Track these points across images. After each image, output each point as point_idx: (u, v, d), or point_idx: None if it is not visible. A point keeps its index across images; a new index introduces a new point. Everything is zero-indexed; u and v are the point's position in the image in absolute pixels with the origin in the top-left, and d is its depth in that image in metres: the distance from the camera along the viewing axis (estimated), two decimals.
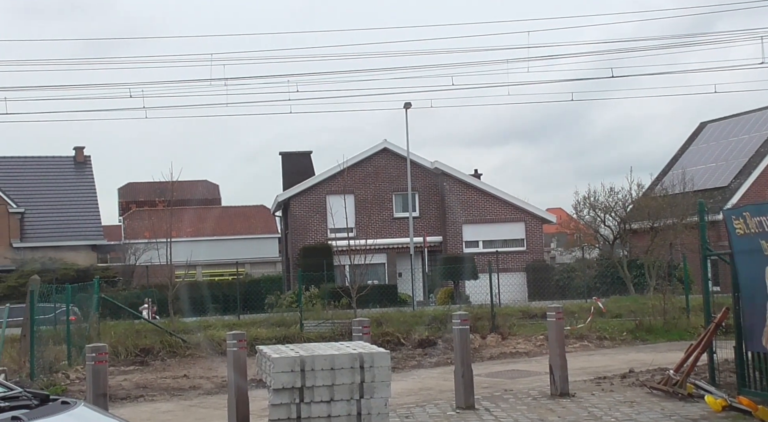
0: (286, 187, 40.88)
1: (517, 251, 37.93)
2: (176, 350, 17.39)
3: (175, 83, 60.66)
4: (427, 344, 17.48)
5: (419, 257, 35.94)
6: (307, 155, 44.61)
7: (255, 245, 55.32)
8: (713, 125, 41.60)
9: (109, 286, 32.89)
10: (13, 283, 34.02)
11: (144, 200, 56.00)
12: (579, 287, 29.45)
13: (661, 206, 30.37)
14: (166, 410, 11.75)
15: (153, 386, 13.79)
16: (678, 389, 10.19)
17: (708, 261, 11.23)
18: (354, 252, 21.22)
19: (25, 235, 41.90)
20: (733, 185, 35.60)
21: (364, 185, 36.35)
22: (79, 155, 46.55)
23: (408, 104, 35.44)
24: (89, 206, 44.30)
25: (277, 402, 7.59)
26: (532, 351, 16.64)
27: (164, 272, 23.68)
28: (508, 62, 55.94)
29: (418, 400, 11.10)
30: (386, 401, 7.86)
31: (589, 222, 34.87)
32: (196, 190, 55.26)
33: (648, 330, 18.50)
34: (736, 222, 9.68)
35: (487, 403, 10.48)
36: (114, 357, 15.80)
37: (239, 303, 26.85)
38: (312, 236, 37.58)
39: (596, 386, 11.52)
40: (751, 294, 9.63)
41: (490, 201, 39.11)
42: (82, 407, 4.31)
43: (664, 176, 38.75)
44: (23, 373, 14.23)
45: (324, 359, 7.66)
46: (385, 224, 36.56)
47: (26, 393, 4.23)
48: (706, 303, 11.16)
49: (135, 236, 45.84)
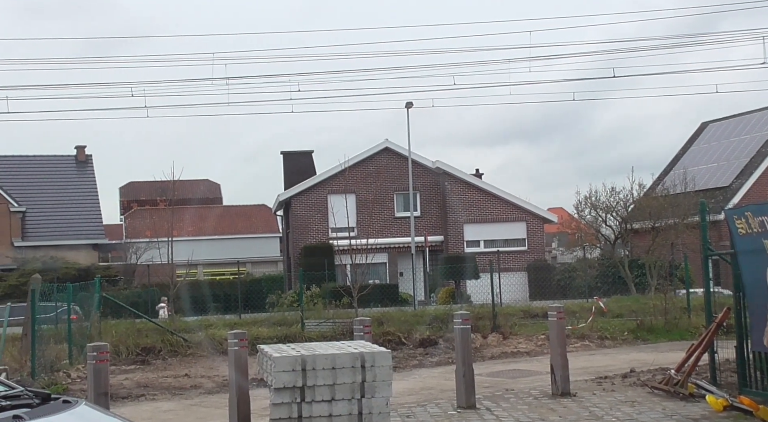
0: (288, 186, 40.89)
1: (519, 251, 37.92)
2: (177, 349, 17.40)
3: (176, 82, 60.74)
4: (428, 343, 17.48)
5: (420, 257, 35.93)
6: (308, 155, 44.62)
7: (256, 245, 55.32)
8: (715, 125, 41.58)
9: (110, 285, 32.88)
10: (14, 282, 34.02)
11: (145, 199, 56.06)
12: (580, 286, 29.43)
13: (662, 206, 30.36)
14: (168, 409, 11.76)
15: (154, 385, 13.80)
16: (679, 389, 10.18)
17: (709, 261, 11.22)
18: (355, 252, 21.21)
19: (26, 234, 41.92)
20: (735, 185, 35.59)
21: (366, 184, 36.34)
22: (81, 154, 46.57)
23: (409, 104, 35.44)
24: (91, 205, 44.32)
25: (278, 401, 7.59)
26: (534, 350, 16.64)
27: (165, 271, 23.69)
28: (510, 62, 55.99)
29: (420, 400, 11.10)
30: (387, 400, 7.86)
31: (591, 222, 34.88)
32: (198, 189, 55.31)
33: (649, 329, 18.49)
34: (738, 222, 9.68)
35: (488, 403, 10.48)
36: (115, 356, 15.80)
37: (240, 302, 26.86)
38: (313, 235, 37.59)
39: (597, 386, 11.52)
40: (753, 294, 9.62)
41: (492, 201, 39.11)
42: (84, 406, 4.31)
43: (665, 176, 38.73)
44: (24, 372, 14.23)
45: (325, 358, 7.65)
46: (386, 224, 36.58)
47: (27, 392, 4.22)
48: (707, 303, 11.16)
49: (136, 235, 45.83)
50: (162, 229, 22.62)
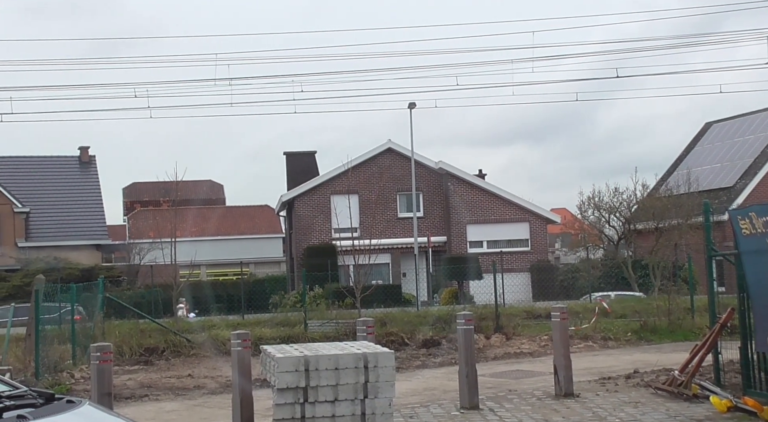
0: (291, 187, 40.90)
1: (522, 252, 37.89)
2: (181, 349, 17.41)
3: (179, 83, 60.71)
4: (431, 344, 17.47)
5: (423, 258, 35.93)
6: (311, 155, 44.63)
7: (259, 245, 55.31)
8: (719, 125, 41.52)
9: (113, 286, 32.90)
10: (18, 282, 34.05)
11: (148, 199, 56.09)
12: (583, 287, 29.41)
13: (666, 207, 30.34)
14: (171, 409, 11.76)
15: (157, 385, 13.81)
16: (683, 389, 10.16)
17: (713, 262, 11.20)
18: (358, 252, 21.21)
19: (30, 235, 41.97)
20: (739, 185, 35.53)
21: (369, 185, 36.35)
22: (84, 154, 46.61)
23: (412, 104, 35.43)
24: (94, 206, 44.36)
25: (281, 401, 7.59)
26: (537, 351, 16.62)
27: (168, 271, 23.69)
28: (513, 62, 55.91)
29: (423, 400, 11.09)
30: (390, 401, 7.85)
31: (594, 222, 34.88)
32: (201, 190, 55.30)
33: (653, 330, 18.47)
34: (742, 222, 9.65)
35: (491, 403, 10.47)
36: (119, 356, 15.81)
37: (243, 303, 26.87)
38: (316, 236, 37.59)
39: (601, 386, 11.50)
40: (757, 294, 9.60)
41: (495, 201, 39.09)
42: (87, 406, 4.31)
43: (669, 177, 38.71)
44: (28, 372, 14.25)
45: (328, 359, 7.65)
46: (389, 224, 36.56)
47: (31, 392, 4.23)
48: (711, 304, 11.14)
49: (139, 235, 45.84)
50: (165, 229, 22.62)
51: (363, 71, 29.55)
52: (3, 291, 33.41)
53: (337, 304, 22.99)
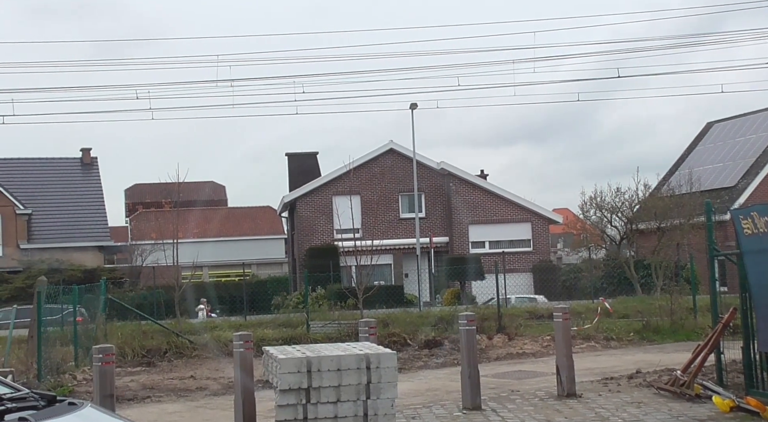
0: (293, 188, 40.93)
1: (524, 252, 37.89)
2: (183, 351, 17.42)
3: (181, 84, 60.80)
4: (433, 344, 17.47)
5: (425, 258, 35.93)
6: (313, 156, 44.65)
7: (261, 246, 55.37)
8: (720, 125, 41.50)
9: (115, 287, 32.91)
10: (20, 284, 34.09)
11: (150, 201, 56.14)
12: (586, 287, 29.39)
13: (667, 207, 30.31)
14: (173, 411, 11.76)
15: (160, 387, 13.81)
16: (685, 390, 10.15)
17: (715, 261, 11.19)
18: (360, 253, 21.22)
19: (32, 236, 42.00)
20: (740, 185, 35.51)
21: (371, 185, 36.36)
22: (86, 156, 46.64)
23: (414, 105, 35.44)
24: (96, 208, 44.39)
25: (283, 402, 7.59)
26: (539, 351, 16.61)
27: (171, 273, 23.69)
28: (515, 63, 55.93)
29: (425, 401, 11.09)
30: (393, 402, 7.85)
31: (596, 223, 34.84)
32: (203, 191, 55.31)
33: (655, 330, 18.45)
34: (744, 222, 9.65)
35: (493, 404, 10.46)
36: (121, 358, 15.82)
37: (246, 304, 26.86)
38: (318, 237, 37.60)
39: (603, 386, 11.49)
40: (759, 294, 9.59)
41: (497, 202, 39.08)
42: (89, 408, 4.32)
43: (670, 176, 38.68)
44: (30, 374, 14.25)
45: (330, 360, 7.65)
46: (391, 225, 36.57)
47: (33, 394, 4.23)
48: (713, 304, 11.13)
49: (141, 237, 45.88)
50: (167, 231, 22.64)
51: (364, 72, 29.68)
52: (5, 293, 33.46)
53: (339, 305, 22.99)
